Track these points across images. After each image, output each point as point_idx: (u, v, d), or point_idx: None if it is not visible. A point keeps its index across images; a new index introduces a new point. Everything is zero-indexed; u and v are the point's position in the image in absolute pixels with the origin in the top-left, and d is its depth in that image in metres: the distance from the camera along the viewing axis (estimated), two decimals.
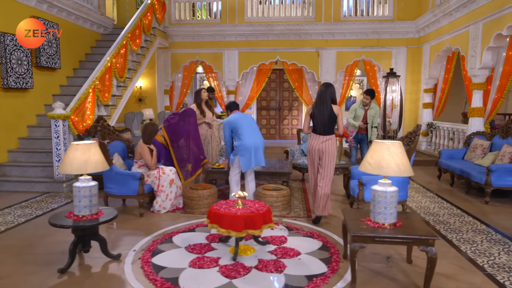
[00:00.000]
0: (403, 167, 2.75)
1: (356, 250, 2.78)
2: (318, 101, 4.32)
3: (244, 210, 3.38)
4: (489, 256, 3.45)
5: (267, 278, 3.03)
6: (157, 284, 2.91)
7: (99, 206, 3.32)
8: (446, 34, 8.23)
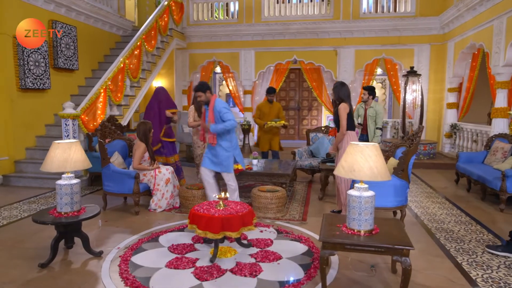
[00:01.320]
0: (376, 170, 2.58)
1: (325, 257, 2.65)
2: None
3: (223, 212, 3.33)
4: (486, 269, 3.19)
5: (239, 282, 2.95)
6: (128, 282, 2.92)
7: (81, 204, 3.39)
8: (470, 30, 7.74)
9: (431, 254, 3.50)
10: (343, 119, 4.39)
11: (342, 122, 4.40)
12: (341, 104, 4.45)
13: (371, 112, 6.25)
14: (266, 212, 4.63)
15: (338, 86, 4.56)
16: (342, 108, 4.40)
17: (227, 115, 4.29)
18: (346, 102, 4.47)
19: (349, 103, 4.51)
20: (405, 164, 4.05)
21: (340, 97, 4.49)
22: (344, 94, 4.50)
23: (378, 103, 6.40)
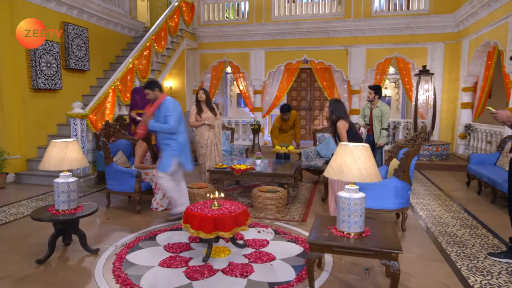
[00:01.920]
0: (365, 172, 2.52)
1: (313, 259, 2.61)
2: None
3: (216, 212, 3.33)
4: (486, 275, 3.07)
5: (229, 282, 2.95)
6: (119, 280, 2.96)
7: (78, 202, 3.45)
8: (485, 27, 7.50)
9: (429, 259, 3.40)
10: (344, 137, 4.27)
11: (342, 140, 4.27)
12: (339, 122, 4.29)
13: (377, 112, 6.12)
14: (266, 212, 4.61)
15: (333, 104, 4.44)
16: (341, 126, 4.26)
17: (169, 119, 4.16)
18: (344, 119, 4.31)
19: (347, 120, 4.34)
20: (406, 166, 3.95)
21: (336, 116, 4.35)
22: (340, 112, 4.36)
23: (384, 103, 6.26)
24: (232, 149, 7.24)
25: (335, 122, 4.37)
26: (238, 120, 10.79)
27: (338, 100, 4.51)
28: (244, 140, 10.68)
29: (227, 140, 7.28)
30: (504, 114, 3.10)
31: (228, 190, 6.04)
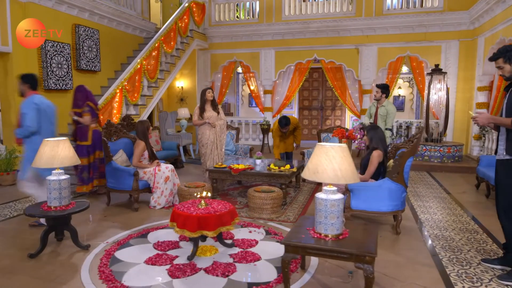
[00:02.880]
0: (340, 173, 2.48)
1: (287, 261, 2.58)
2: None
3: (202, 211, 3.34)
4: (476, 281, 2.95)
5: (208, 281, 2.96)
6: (103, 276, 3.02)
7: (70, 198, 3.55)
8: (499, 24, 7.21)
9: (419, 263, 3.30)
10: (373, 166, 4.08)
11: (370, 168, 4.10)
12: (375, 151, 4.10)
13: (382, 111, 5.99)
14: (261, 212, 4.60)
15: (371, 131, 4.22)
16: (376, 156, 4.07)
17: (25, 118, 3.91)
18: (381, 149, 4.11)
19: (383, 149, 4.12)
20: (400, 167, 3.85)
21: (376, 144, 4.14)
22: (379, 140, 4.13)
23: (391, 103, 6.12)
24: (237, 148, 7.26)
25: (372, 150, 4.18)
26: (248, 119, 10.82)
27: (376, 127, 4.32)
28: (254, 140, 10.70)
29: (232, 139, 7.30)
30: (483, 117, 2.99)
31: (229, 189, 6.07)
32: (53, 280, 2.98)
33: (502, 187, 3.03)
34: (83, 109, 5.42)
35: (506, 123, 2.88)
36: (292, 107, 12.29)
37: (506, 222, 3.02)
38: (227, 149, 7.07)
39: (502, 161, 3.01)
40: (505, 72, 2.97)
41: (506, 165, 2.95)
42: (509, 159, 2.92)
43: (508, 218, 2.98)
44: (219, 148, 5.95)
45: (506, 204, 2.99)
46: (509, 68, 2.94)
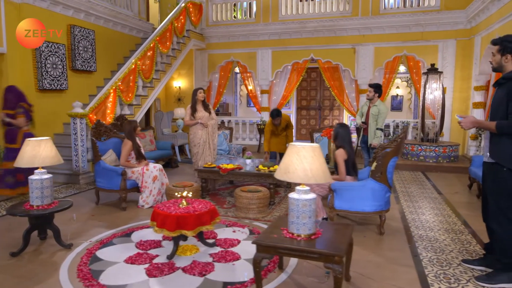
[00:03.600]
0: (310, 173, 2.47)
1: (258, 260, 2.58)
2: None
3: (182, 210, 3.35)
4: (453, 282, 2.93)
5: (184, 280, 2.97)
6: (80, 274, 3.05)
7: (53, 197, 3.58)
8: (495, 23, 7.14)
9: (399, 264, 3.29)
10: (340, 165, 4.10)
11: (339, 168, 4.13)
12: (339, 149, 4.12)
13: (374, 111, 5.96)
14: (247, 212, 4.60)
15: (338, 128, 4.22)
16: (338, 155, 4.09)
17: None
18: (344, 148, 4.11)
19: (348, 149, 4.12)
20: (383, 167, 3.83)
21: (339, 142, 4.17)
22: (343, 139, 4.15)
23: (383, 103, 6.09)
24: (230, 148, 7.27)
25: (336, 147, 4.22)
26: (245, 119, 10.83)
27: (344, 125, 4.32)
28: (251, 140, 10.70)
29: (225, 139, 7.32)
30: (467, 121, 2.91)
31: (220, 189, 6.08)
32: (31, 278, 3.01)
33: (490, 191, 2.95)
34: (16, 111, 5.25)
35: (490, 128, 2.79)
36: (290, 107, 12.28)
37: (496, 226, 2.89)
38: (220, 149, 7.09)
39: (487, 164, 2.96)
40: (494, 61, 2.87)
41: (491, 169, 2.89)
42: (494, 163, 2.86)
43: (498, 222, 2.87)
44: (211, 148, 5.96)
45: (495, 208, 2.88)
46: (498, 59, 2.83)
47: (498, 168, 2.79)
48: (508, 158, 2.73)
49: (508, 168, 2.74)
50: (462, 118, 2.97)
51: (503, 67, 2.81)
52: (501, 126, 2.71)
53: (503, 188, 2.80)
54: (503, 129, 2.70)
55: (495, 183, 2.85)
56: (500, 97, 2.78)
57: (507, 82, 2.76)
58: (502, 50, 2.78)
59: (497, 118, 2.78)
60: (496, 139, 2.81)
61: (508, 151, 2.72)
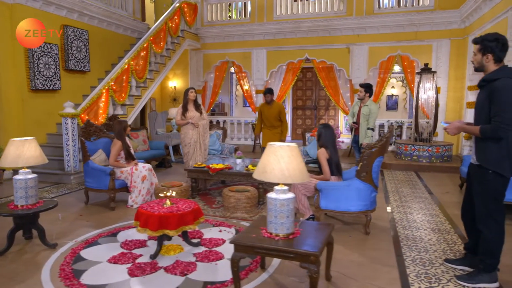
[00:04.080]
0: (287, 172, 2.48)
1: (236, 260, 2.59)
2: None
3: (165, 210, 3.36)
4: (434, 282, 2.94)
5: (165, 280, 2.97)
6: (62, 274, 3.05)
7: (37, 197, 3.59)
8: (487, 23, 7.14)
9: (381, 263, 3.29)
10: (323, 165, 4.14)
11: (322, 167, 4.17)
12: (321, 149, 4.15)
13: (365, 111, 5.97)
14: (235, 212, 4.61)
15: (321, 129, 4.25)
16: (320, 154, 4.13)
17: None
18: (327, 148, 4.15)
19: (330, 150, 4.16)
20: (368, 167, 3.83)
21: (322, 142, 4.20)
22: (326, 139, 4.18)
23: (374, 103, 6.10)
24: (223, 148, 7.27)
25: (320, 147, 4.26)
26: (241, 119, 10.83)
27: (328, 126, 4.33)
28: (246, 140, 10.70)
29: (218, 139, 7.32)
30: (452, 127, 2.90)
31: (212, 189, 6.09)
32: (13, 278, 3.01)
33: (476, 193, 2.93)
34: None
35: (475, 132, 2.78)
36: (285, 107, 12.27)
37: (483, 227, 2.85)
38: (213, 148, 7.09)
39: (474, 166, 2.95)
40: (475, 61, 2.84)
41: (477, 171, 2.88)
42: (480, 165, 2.85)
43: (485, 224, 2.84)
44: (202, 148, 5.96)
45: (483, 210, 2.85)
46: (479, 58, 2.80)
47: (484, 171, 2.79)
48: (494, 161, 2.73)
49: (493, 171, 2.73)
50: (447, 125, 2.97)
51: (485, 67, 2.80)
52: (484, 130, 2.70)
53: (489, 190, 2.79)
54: (487, 133, 2.69)
55: (481, 185, 2.85)
56: (482, 100, 2.78)
57: (487, 84, 2.75)
58: (483, 49, 2.76)
59: (481, 121, 2.78)
60: (481, 143, 2.81)
61: (494, 154, 2.72)
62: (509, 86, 2.62)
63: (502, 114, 2.59)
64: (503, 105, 2.59)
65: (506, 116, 2.58)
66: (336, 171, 4.23)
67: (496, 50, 2.69)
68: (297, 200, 4.29)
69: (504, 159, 2.68)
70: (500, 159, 2.69)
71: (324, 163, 4.15)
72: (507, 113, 2.58)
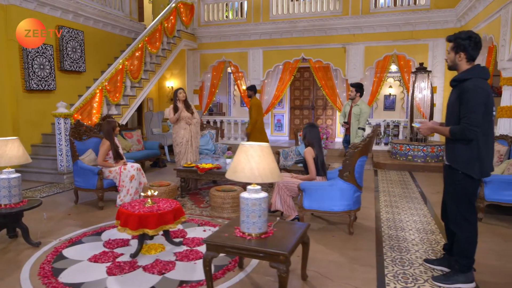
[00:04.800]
0: (257, 172, 2.48)
1: (208, 259, 2.60)
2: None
3: (145, 209, 3.38)
4: (410, 282, 2.93)
5: (142, 278, 2.99)
6: (41, 272, 3.08)
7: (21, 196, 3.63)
8: (482, 22, 7.10)
9: (360, 263, 3.28)
10: (309, 163, 4.14)
11: (308, 166, 4.17)
12: (307, 148, 4.15)
13: (356, 110, 5.96)
14: (221, 212, 4.62)
15: (306, 128, 4.26)
16: (307, 153, 4.13)
17: None
18: (313, 147, 4.15)
19: (316, 149, 4.16)
20: (350, 167, 3.83)
21: (308, 141, 4.21)
22: (311, 138, 4.18)
23: (365, 102, 6.08)
24: (216, 148, 7.29)
25: (305, 146, 4.27)
26: (237, 119, 10.83)
27: (313, 125, 4.34)
28: (243, 139, 10.70)
29: (211, 139, 7.33)
30: (424, 127, 2.90)
31: (203, 188, 6.11)
32: None
33: (447, 193, 2.94)
34: None
35: (445, 133, 2.77)
36: (283, 107, 12.28)
37: (455, 227, 2.85)
38: (206, 148, 7.11)
39: (446, 166, 2.93)
40: (449, 59, 2.81)
41: (449, 172, 2.87)
42: (450, 166, 2.84)
43: (457, 224, 2.83)
44: (194, 147, 5.99)
45: (454, 210, 2.85)
46: (452, 57, 2.77)
47: (454, 172, 2.78)
48: (462, 162, 2.71)
49: (462, 172, 2.72)
50: (419, 125, 2.96)
51: (457, 65, 2.78)
52: (454, 132, 2.69)
53: (459, 191, 2.78)
54: (456, 135, 2.68)
55: (452, 186, 2.84)
56: (453, 100, 2.76)
57: (458, 84, 2.73)
58: (456, 47, 2.74)
59: (452, 122, 2.76)
60: (452, 143, 2.79)
61: (463, 155, 2.70)
62: (479, 87, 2.59)
63: (470, 115, 2.57)
64: (472, 106, 2.57)
65: (474, 118, 2.56)
66: (321, 171, 4.23)
67: (469, 48, 2.67)
68: (282, 201, 4.30)
69: (473, 161, 2.66)
70: (470, 160, 2.67)
71: (311, 162, 4.14)
72: (476, 114, 2.56)
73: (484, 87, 2.60)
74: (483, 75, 2.67)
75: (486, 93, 2.59)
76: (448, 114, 2.83)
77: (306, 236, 2.89)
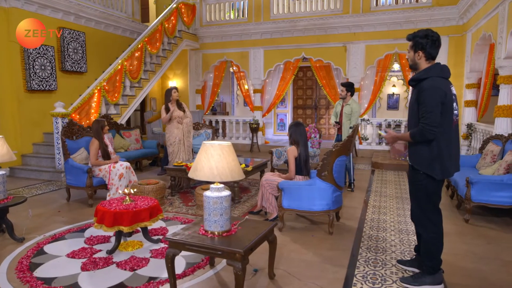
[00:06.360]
0: (216, 171, 2.51)
1: (170, 256, 2.64)
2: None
3: (121, 207, 3.44)
4: (378, 283, 2.90)
5: (113, 274, 3.05)
6: (18, 267, 3.18)
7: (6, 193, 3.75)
8: (482, 19, 6.94)
9: (332, 263, 3.27)
10: (291, 163, 4.13)
11: (289, 165, 4.16)
12: (291, 147, 4.15)
13: (347, 110, 5.92)
14: None
15: (292, 127, 4.25)
16: (289, 152, 4.11)
17: None
18: (297, 146, 4.14)
19: (301, 148, 4.14)
20: (328, 166, 3.81)
21: (293, 140, 4.20)
22: (296, 137, 4.16)
23: (356, 101, 6.03)
24: None
25: (290, 145, 4.26)
26: (239, 118, 10.88)
27: (299, 123, 4.32)
28: (245, 139, 10.74)
29: (207, 139, 7.39)
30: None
31: (195, 187, 6.16)
32: None
33: (411, 194, 2.92)
34: None
35: (407, 139, 2.75)
36: (286, 106, 12.27)
37: (420, 229, 2.85)
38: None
39: (409, 167, 2.90)
40: (409, 58, 2.77)
41: (411, 172, 2.85)
42: (412, 166, 2.81)
43: (422, 225, 2.82)
44: (186, 145, 6.05)
45: (418, 211, 2.84)
46: (412, 56, 2.72)
47: (416, 172, 2.75)
48: (424, 163, 2.68)
49: (424, 172, 2.69)
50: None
51: (417, 64, 2.73)
52: (413, 135, 2.66)
53: (421, 191, 2.76)
54: (416, 138, 2.65)
55: (414, 186, 2.82)
56: (412, 101, 2.73)
57: (417, 84, 2.69)
58: (414, 46, 2.69)
59: (412, 123, 2.74)
60: (414, 145, 2.75)
61: (424, 156, 2.67)
62: (435, 86, 2.55)
63: (427, 115, 2.53)
64: (429, 106, 2.53)
65: (432, 118, 2.52)
66: (304, 170, 4.22)
67: (427, 46, 2.63)
68: (265, 199, 4.32)
69: (434, 161, 2.62)
70: (430, 161, 2.63)
71: (292, 161, 4.15)
72: (433, 114, 2.52)
73: (441, 86, 2.56)
74: (441, 74, 2.63)
75: (443, 92, 2.55)
76: (408, 116, 2.80)
77: (272, 235, 2.90)
